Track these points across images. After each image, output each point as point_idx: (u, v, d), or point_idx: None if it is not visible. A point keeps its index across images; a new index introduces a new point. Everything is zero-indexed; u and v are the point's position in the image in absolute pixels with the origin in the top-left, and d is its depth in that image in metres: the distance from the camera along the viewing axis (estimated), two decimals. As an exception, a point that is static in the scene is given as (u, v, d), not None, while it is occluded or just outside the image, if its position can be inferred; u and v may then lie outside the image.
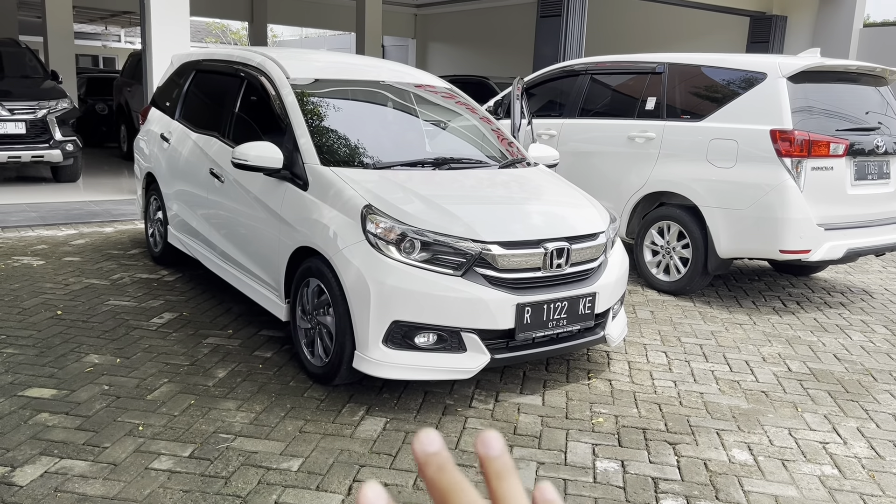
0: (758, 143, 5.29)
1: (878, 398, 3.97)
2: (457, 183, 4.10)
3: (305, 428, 3.31)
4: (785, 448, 3.35)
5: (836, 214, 5.38)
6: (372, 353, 3.43)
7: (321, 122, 4.27)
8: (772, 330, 5.06)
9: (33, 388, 3.60)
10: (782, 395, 3.96)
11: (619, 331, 4.13)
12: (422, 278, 3.41)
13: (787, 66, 5.35)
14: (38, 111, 9.04)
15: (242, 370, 3.93)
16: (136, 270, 5.80)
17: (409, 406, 3.59)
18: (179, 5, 7.95)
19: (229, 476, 2.88)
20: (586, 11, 10.77)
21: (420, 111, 4.82)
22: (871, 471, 3.18)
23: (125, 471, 2.88)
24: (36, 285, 5.29)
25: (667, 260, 5.89)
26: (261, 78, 4.63)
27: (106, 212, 8.00)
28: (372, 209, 3.56)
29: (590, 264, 3.84)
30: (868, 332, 5.11)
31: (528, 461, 3.14)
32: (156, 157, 5.84)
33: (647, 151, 5.99)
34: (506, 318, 3.49)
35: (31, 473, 2.83)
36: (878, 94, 5.79)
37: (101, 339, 4.30)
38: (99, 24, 28.86)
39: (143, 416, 3.34)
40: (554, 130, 6.78)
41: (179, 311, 4.86)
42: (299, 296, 3.91)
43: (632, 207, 6.13)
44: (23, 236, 6.83)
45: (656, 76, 6.15)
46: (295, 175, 3.99)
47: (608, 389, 3.93)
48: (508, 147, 4.85)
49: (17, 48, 10.12)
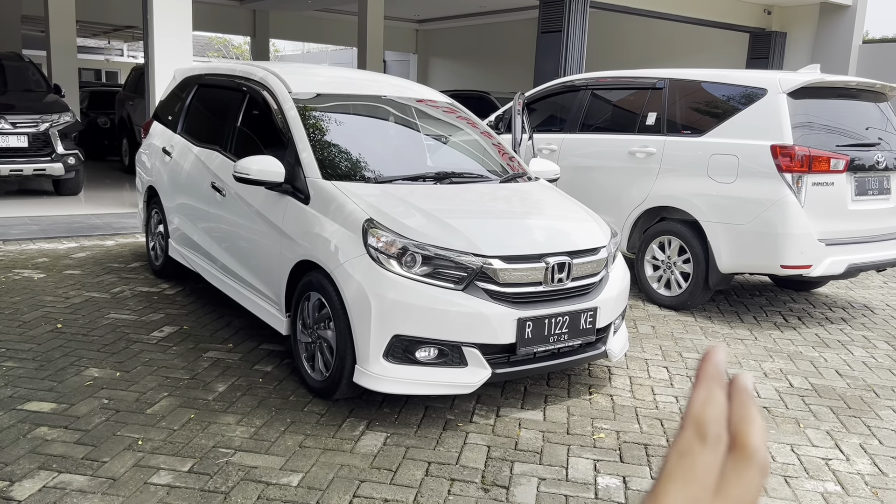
0: (758, 158, 5.30)
1: (880, 414, 3.95)
2: (458, 197, 4.10)
3: (305, 443, 3.30)
4: (787, 464, 3.33)
5: (837, 230, 5.38)
6: (372, 368, 3.42)
7: (323, 137, 4.28)
8: (773, 345, 5.05)
9: (32, 401, 3.58)
10: (784, 410, 3.94)
11: (621, 346, 4.12)
12: (423, 292, 3.40)
13: (787, 81, 5.37)
14: (41, 125, 9.07)
15: (242, 384, 3.91)
16: (137, 284, 5.80)
17: (409, 421, 3.58)
18: (182, 20, 8.00)
19: (229, 491, 2.87)
20: (587, 27, 10.83)
21: (421, 126, 4.83)
22: (875, 487, 3.16)
23: (124, 485, 2.86)
24: (36, 298, 5.28)
25: (668, 275, 5.89)
26: (263, 92, 4.65)
27: (107, 225, 8.01)
28: (373, 223, 3.56)
29: (591, 279, 3.84)
30: (870, 348, 5.09)
31: (529, 477, 3.12)
32: (157, 170, 5.85)
33: (648, 166, 6.00)
34: (507, 333, 3.48)
35: (29, 488, 2.82)
36: (878, 109, 5.81)
37: (101, 352, 4.29)
38: (102, 39, 29.03)
39: (142, 431, 3.33)
40: (555, 145, 6.79)
41: (180, 324, 4.85)
42: (300, 310, 3.90)
43: (633, 222, 6.13)
44: (24, 249, 6.83)
45: (657, 91, 6.17)
46: (296, 189, 3.99)
47: (610, 405, 3.91)
48: (509, 161, 4.86)
49: (21, 62, 10.17)
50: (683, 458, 0.38)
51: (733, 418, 0.39)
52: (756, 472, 0.38)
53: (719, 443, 0.38)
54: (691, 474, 0.37)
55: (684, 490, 0.37)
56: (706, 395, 0.39)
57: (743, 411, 0.39)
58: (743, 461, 0.38)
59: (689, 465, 0.37)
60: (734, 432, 0.39)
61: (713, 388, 0.39)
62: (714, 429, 0.38)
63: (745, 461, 0.38)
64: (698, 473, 0.37)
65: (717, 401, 0.39)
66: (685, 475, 0.37)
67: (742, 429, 0.39)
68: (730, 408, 0.39)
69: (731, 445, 0.38)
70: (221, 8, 19.80)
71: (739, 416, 0.39)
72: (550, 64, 10.68)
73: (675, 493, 0.37)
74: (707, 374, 0.39)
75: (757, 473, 0.38)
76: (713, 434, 0.38)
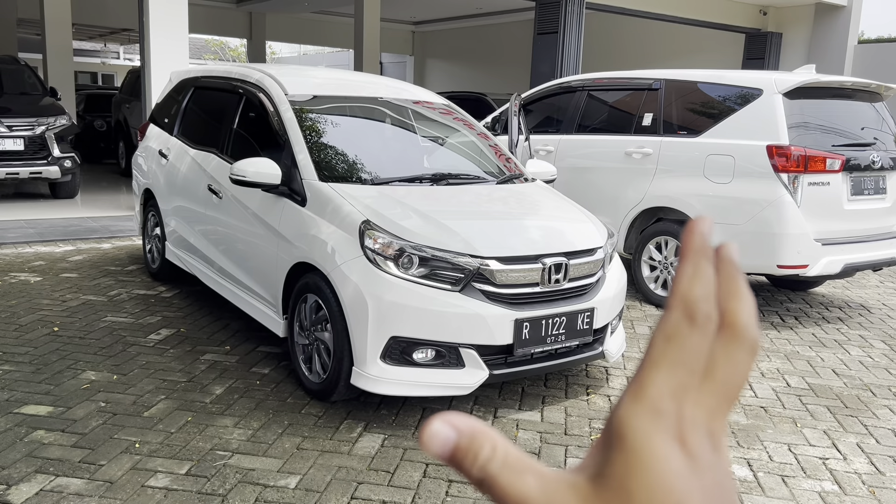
0: (754, 158, 5.31)
1: (877, 413, 3.96)
2: (455, 198, 4.10)
3: (303, 445, 3.29)
4: (785, 464, 3.34)
5: (834, 229, 5.40)
6: (370, 370, 3.42)
7: (319, 139, 4.28)
8: (770, 345, 5.06)
9: (29, 405, 3.58)
10: (781, 410, 3.95)
11: (618, 346, 4.12)
12: (420, 294, 3.40)
13: (782, 82, 5.38)
14: (37, 128, 9.05)
15: (240, 387, 3.91)
16: (134, 287, 5.79)
17: (407, 422, 3.58)
18: (178, 22, 8.00)
19: (226, 493, 2.86)
20: (583, 29, 10.85)
21: (418, 127, 4.84)
22: (872, 487, 3.17)
23: (121, 489, 2.86)
24: (33, 302, 5.27)
25: (665, 275, 5.89)
26: (259, 94, 4.65)
27: (104, 228, 7.99)
28: (370, 224, 3.56)
29: (588, 279, 3.84)
30: (866, 348, 5.10)
31: (526, 478, 3.11)
32: (154, 173, 5.85)
33: (645, 167, 6.01)
34: (504, 334, 3.48)
35: (26, 491, 2.81)
36: (873, 109, 5.83)
37: (97, 355, 4.28)
38: (98, 42, 28.99)
39: (139, 434, 3.32)
40: (551, 146, 6.80)
41: (177, 327, 4.85)
42: (297, 312, 3.90)
43: (629, 223, 6.14)
44: (20, 252, 6.82)
45: (653, 92, 6.18)
46: (293, 191, 3.99)
47: (607, 405, 3.91)
48: (506, 163, 4.86)
49: (17, 65, 10.15)
50: (670, 342, 0.35)
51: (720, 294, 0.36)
52: (746, 353, 0.35)
53: (709, 322, 0.35)
54: (679, 358, 0.34)
55: (671, 376, 0.34)
56: (693, 271, 0.36)
57: (730, 285, 0.36)
58: (732, 341, 0.35)
59: (676, 349, 0.35)
60: (722, 310, 0.36)
61: (701, 263, 0.36)
62: (703, 307, 0.35)
63: (734, 341, 0.35)
64: (686, 357, 0.35)
65: (706, 276, 0.36)
66: (672, 360, 0.34)
67: (730, 305, 0.36)
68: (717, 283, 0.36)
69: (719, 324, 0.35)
70: (218, 10, 19.79)
71: (726, 292, 0.36)
72: (547, 65, 10.70)
73: (660, 380, 0.34)
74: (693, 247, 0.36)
75: (747, 354, 0.35)
76: (702, 313, 0.35)
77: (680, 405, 0.34)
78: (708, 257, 0.36)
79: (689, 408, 0.34)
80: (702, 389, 0.35)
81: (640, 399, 0.34)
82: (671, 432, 0.34)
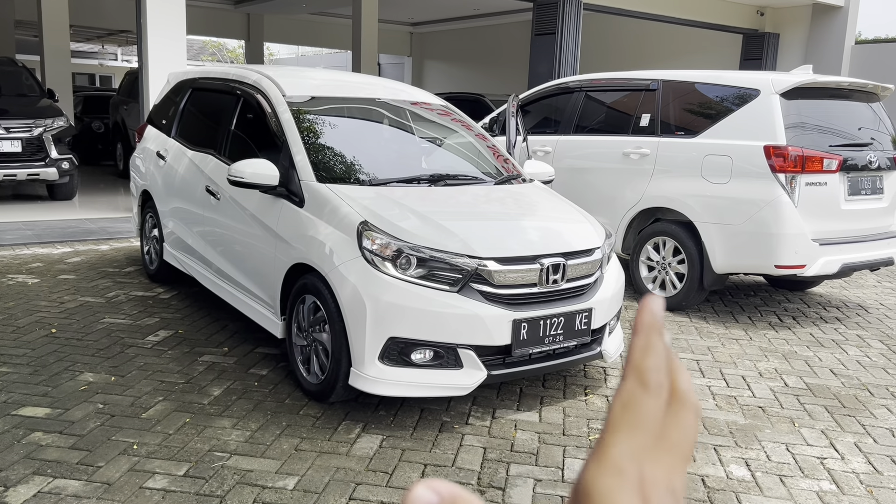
0: (752, 158, 5.32)
1: (874, 413, 3.96)
2: (452, 199, 4.11)
3: (301, 446, 3.29)
4: (782, 464, 3.34)
5: (831, 229, 5.41)
6: (368, 370, 3.42)
7: (317, 140, 4.28)
8: (768, 345, 5.06)
9: (27, 406, 3.57)
10: (779, 410, 3.95)
11: (616, 346, 4.13)
12: (418, 294, 3.40)
13: (780, 82, 5.39)
14: (35, 129, 9.05)
15: (238, 388, 3.91)
16: (132, 288, 5.79)
17: (405, 423, 3.58)
18: (176, 24, 7.99)
19: (224, 495, 2.86)
20: (580, 29, 10.86)
21: (416, 128, 4.84)
22: (869, 486, 3.17)
23: (119, 490, 2.86)
24: (31, 303, 5.27)
25: (662, 275, 5.90)
26: (257, 96, 4.65)
27: (102, 229, 7.99)
28: (368, 225, 3.56)
29: (586, 280, 3.85)
30: (864, 347, 5.11)
31: (525, 478, 3.12)
32: (152, 174, 5.85)
33: (642, 167, 6.01)
34: (502, 334, 3.48)
35: (24, 493, 2.81)
36: (870, 110, 5.84)
37: (95, 357, 4.28)
38: (96, 43, 28.98)
39: (137, 435, 3.32)
40: (549, 147, 6.81)
41: (175, 328, 4.84)
42: (295, 313, 3.90)
43: (627, 223, 6.14)
44: (18, 254, 6.81)
45: (650, 93, 6.19)
46: (291, 192, 3.99)
47: (605, 405, 3.92)
48: (504, 163, 4.86)
49: (14, 67, 10.15)
50: (627, 408, 0.38)
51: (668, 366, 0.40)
52: (692, 415, 0.39)
53: (661, 390, 0.39)
54: (636, 422, 0.38)
55: (630, 439, 0.37)
56: (645, 344, 0.39)
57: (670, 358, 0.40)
58: (681, 406, 0.39)
59: (633, 415, 0.38)
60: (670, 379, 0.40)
61: (652, 337, 0.40)
62: (655, 377, 0.39)
63: (682, 405, 0.39)
64: (642, 421, 0.38)
65: (657, 349, 0.39)
66: (630, 424, 0.38)
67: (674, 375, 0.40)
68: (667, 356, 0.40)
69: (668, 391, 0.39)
70: (215, 11, 19.78)
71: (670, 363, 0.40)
72: (544, 66, 10.71)
73: (620, 443, 0.37)
74: (645, 323, 0.40)
75: (693, 416, 0.39)
76: (654, 382, 0.39)
77: (640, 465, 0.37)
78: (658, 332, 0.40)
79: (649, 467, 0.37)
80: (659, 450, 0.38)
81: (603, 461, 0.37)
82: (635, 490, 0.36)
